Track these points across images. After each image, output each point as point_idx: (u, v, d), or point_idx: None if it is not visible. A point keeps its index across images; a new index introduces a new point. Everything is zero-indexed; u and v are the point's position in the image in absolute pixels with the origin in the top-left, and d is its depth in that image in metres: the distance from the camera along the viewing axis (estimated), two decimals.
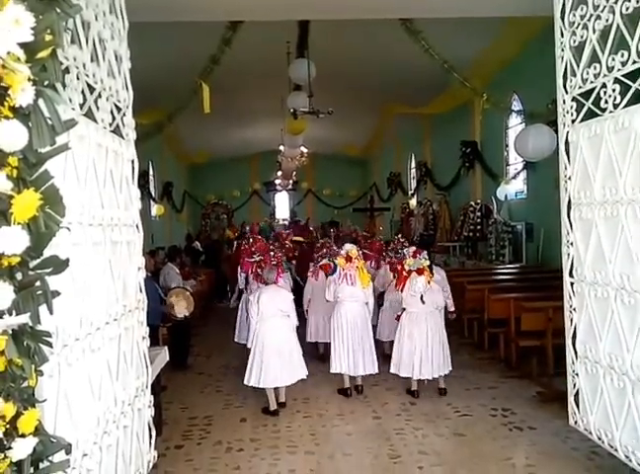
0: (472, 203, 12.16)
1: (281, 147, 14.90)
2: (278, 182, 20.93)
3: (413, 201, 17.28)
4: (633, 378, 3.17)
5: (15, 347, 1.77)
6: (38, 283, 1.87)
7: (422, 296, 5.35)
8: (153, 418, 3.66)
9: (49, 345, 1.91)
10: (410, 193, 17.88)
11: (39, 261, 1.88)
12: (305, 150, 14.61)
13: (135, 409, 3.31)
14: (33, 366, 1.84)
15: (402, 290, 5.50)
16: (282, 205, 24.30)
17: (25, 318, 1.81)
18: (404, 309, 6.00)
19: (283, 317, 5.28)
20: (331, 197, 23.46)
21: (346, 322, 5.59)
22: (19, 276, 1.84)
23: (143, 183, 13.87)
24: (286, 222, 20.37)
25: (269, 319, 5.22)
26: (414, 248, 5.67)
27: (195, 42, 7.55)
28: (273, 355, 5.15)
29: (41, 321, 1.88)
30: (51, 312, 1.91)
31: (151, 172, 15.82)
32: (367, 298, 5.72)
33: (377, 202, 21.04)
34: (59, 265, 1.91)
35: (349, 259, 5.61)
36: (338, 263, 5.67)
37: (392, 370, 5.61)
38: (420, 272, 5.40)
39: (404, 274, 5.50)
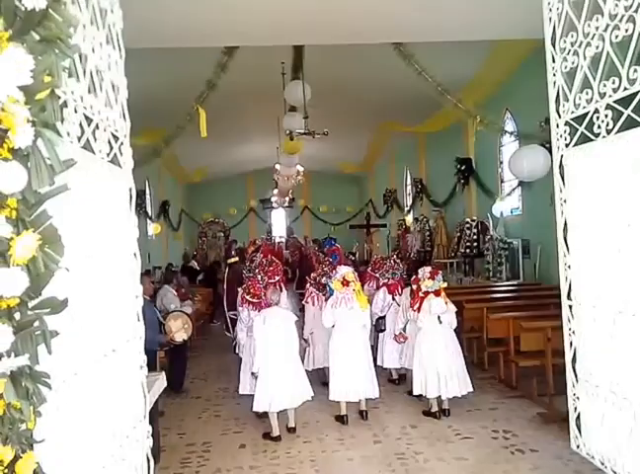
0: (468, 220, 12.19)
1: (277, 166, 14.94)
2: (274, 199, 20.97)
3: (409, 218, 17.31)
4: (634, 403, 3.16)
5: (13, 389, 1.75)
6: (36, 323, 1.86)
7: (439, 317, 5.40)
8: (151, 447, 3.62)
9: (48, 386, 1.89)
10: (406, 209, 17.94)
11: (37, 301, 1.87)
12: (301, 169, 14.64)
13: (134, 440, 3.28)
14: (31, 408, 1.82)
15: (418, 310, 5.51)
16: (279, 223, 24.32)
17: (24, 360, 1.80)
18: (404, 329, 6.05)
19: (288, 339, 5.23)
20: (327, 213, 23.55)
21: (344, 347, 5.49)
22: (17, 316, 1.83)
23: (140, 202, 13.92)
24: (283, 239, 20.35)
25: (273, 341, 5.16)
26: (430, 268, 5.64)
27: (191, 65, 7.63)
28: (278, 378, 5.10)
29: (40, 361, 1.87)
30: (50, 352, 1.89)
31: (148, 191, 15.87)
32: (365, 321, 5.64)
33: (374, 219, 21.09)
34: (58, 305, 1.90)
35: (345, 283, 5.55)
36: (334, 287, 5.64)
37: (416, 392, 5.55)
38: (437, 293, 5.44)
39: (420, 294, 5.51)
